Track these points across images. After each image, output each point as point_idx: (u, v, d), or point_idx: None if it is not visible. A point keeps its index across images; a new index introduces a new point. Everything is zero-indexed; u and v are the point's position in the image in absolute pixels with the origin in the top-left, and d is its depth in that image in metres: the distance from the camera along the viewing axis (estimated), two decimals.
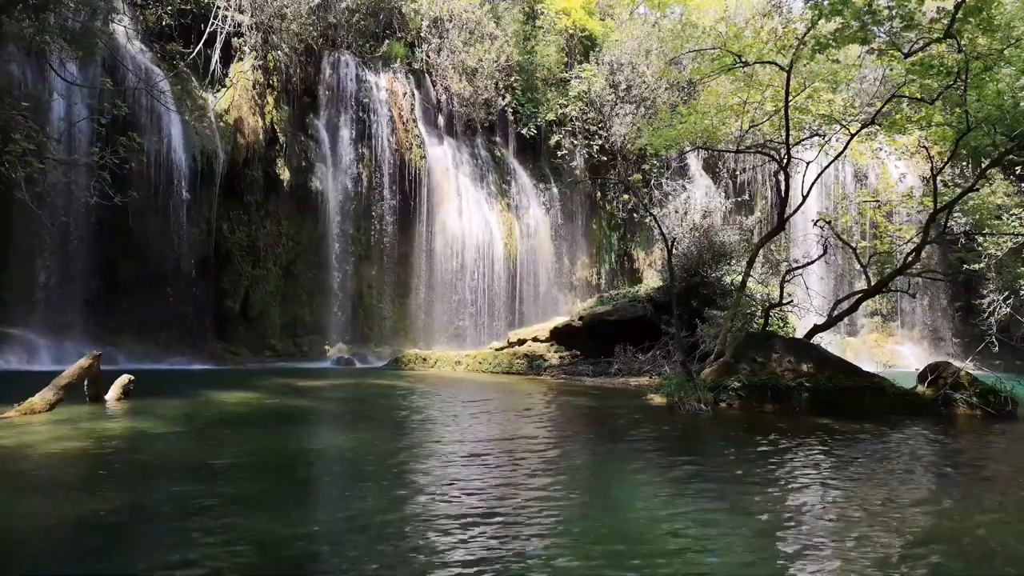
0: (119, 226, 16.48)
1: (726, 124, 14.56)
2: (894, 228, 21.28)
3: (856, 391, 9.98)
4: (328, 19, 22.28)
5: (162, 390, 10.43)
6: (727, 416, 9.45)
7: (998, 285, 20.81)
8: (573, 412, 10.11)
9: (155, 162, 17.59)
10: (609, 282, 27.05)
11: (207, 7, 19.52)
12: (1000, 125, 10.87)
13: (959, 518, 4.55)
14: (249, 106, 20.12)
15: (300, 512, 4.39)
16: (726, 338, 11.82)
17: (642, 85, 26.28)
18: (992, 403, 9.62)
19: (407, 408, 10.21)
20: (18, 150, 11.68)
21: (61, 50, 13.77)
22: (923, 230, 12.32)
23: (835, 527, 4.26)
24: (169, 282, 18.07)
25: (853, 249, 14.38)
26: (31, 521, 4.08)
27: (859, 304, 13.61)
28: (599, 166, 26.86)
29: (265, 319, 20.14)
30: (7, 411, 7.53)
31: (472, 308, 23.40)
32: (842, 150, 13.43)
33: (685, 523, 4.23)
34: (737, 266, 17.00)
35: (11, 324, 15.68)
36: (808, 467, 6.08)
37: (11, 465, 5.46)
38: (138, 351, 16.76)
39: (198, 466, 5.58)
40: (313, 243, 21.37)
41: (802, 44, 11.02)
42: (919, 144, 16.36)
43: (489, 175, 25.19)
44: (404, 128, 23.10)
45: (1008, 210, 18.00)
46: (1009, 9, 11.28)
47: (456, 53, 24.02)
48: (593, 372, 15.77)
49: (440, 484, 5.13)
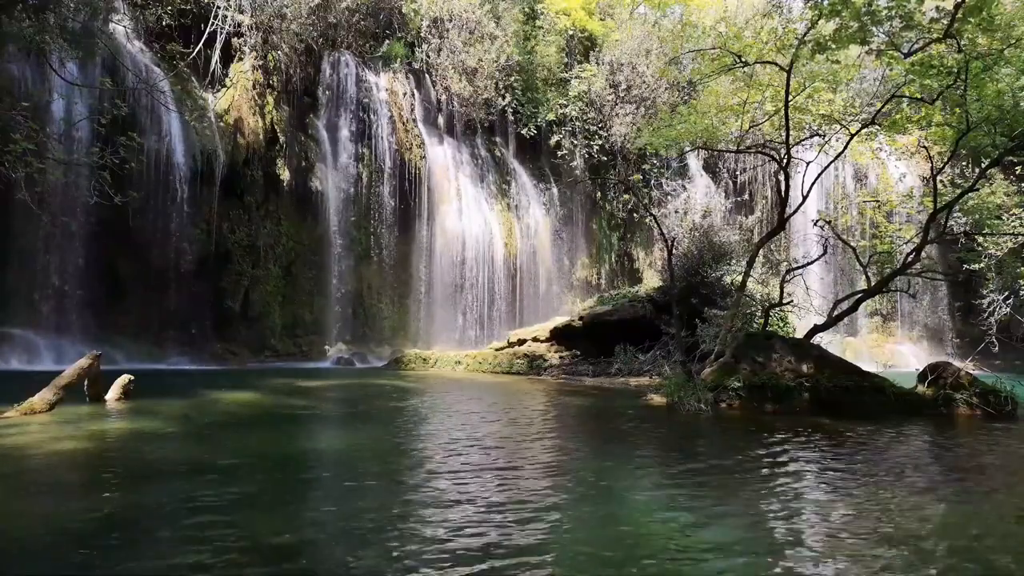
0: (119, 226, 16.48)
1: (726, 124, 14.55)
2: (894, 228, 21.29)
3: (856, 391, 9.97)
4: (328, 19, 22.29)
5: (162, 390, 10.43)
6: (727, 416, 9.45)
7: (998, 285, 20.81)
8: (573, 412, 10.11)
9: (155, 162, 17.60)
10: (609, 282, 27.06)
11: (207, 7, 19.53)
12: (1000, 125, 10.86)
13: (959, 518, 4.55)
14: (249, 106, 20.12)
15: (300, 512, 4.39)
16: (726, 338, 11.82)
17: (642, 85, 26.30)
18: (992, 403, 9.63)
19: (407, 408, 10.21)
20: (18, 150, 11.68)
21: (61, 50, 13.77)
22: (923, 230, 12.32)
23: (836, 528, 4.26)
24: (169, 282, 18.08)
25: (853, 249, 14.37)
26: (31, 521, 4.08)
27: (859, 304, 13.60)
28: (599, 166, 26.88)
29: (265, 319, 20.14)
30: (7, 411, 7.53)
31: (472, 308, 23.41)
32: (842, 150, 13.42)
33: (685, 524, 4.23)
34: (737, 266, 17.00)
35: (11, 324, 15.69)
36: (808, 468, 6.08)
37: (11, 465, 5.46)
38: (138, 351, 16.77)
39: (198, 466, 5.58)
40: (313, 243, 21.38)
41: (802, 44, 11.01)
42: (919, 144, 16.37)
43: (489, 175, 25.20)
44: (404, 128, 23.10)
45: (1008, 210, 18.00)
46: (1009, 9, 11.28)
47: (456, 53, 24.03)
48: (593, 372, 15.78)
49: (440, 484, 5.13)
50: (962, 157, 19.61)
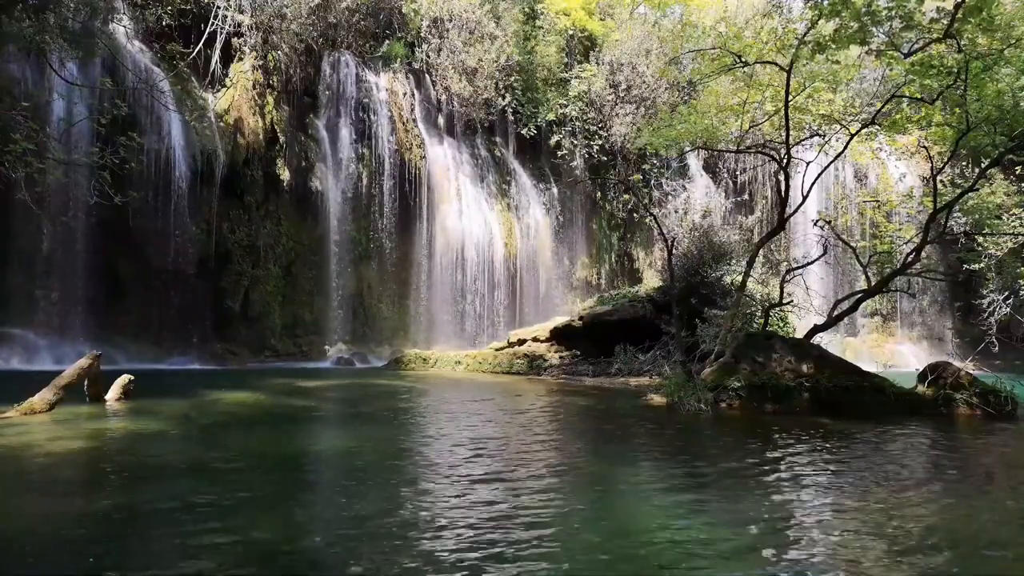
0: (119, 226, 16.48)
1: (726, 124, 14.54)
2: (894, 228, 21.28)
3: (856, 391, 9.97)
4: (328, 19, 22.29)
5: (162, 390, 10.43)
6: (727, 416, 9.44)
7: (998, 285, 20.81)
8: (573, 412, 10.11)
9: (155, 162, 17.60)
10: (609, 282, 27.05)
11: (207, 7, 19.53)
12: (1000, 125, 10.86)
13: (959, 519, 4.55)
14: (249, 106, 20.12)
15: (300, 512, 4.39)
16: (726, 338, 11.81)
17: (642, 85, 26.30)
18: (992, 403, 9.62)
19: (407, 408, 10.21)
20: (18, 150, 11.68)
21: (61, 50, 13.77)
22: (923, 230, 12.32)
23: (836, 528, 4.26)
24: (169, 282, 18.09)
25: (853, 249, 14.37)
26: (30, 521, 4.08)
27: (859, 304, 13.59)
28: (599, 166, 26.87)
29: (265, 319, 20.14)
30: (7, 411, 7.53)
31: (472, 308, 23.40)
32: (842, 150, 13.42)
33: (686, 524, 4.23)
34: (737, 266, 16.99)
35: (11, 324, 15.69)
36: (808, 468, 6.08)
37: (11, 465, 5.46)
38: (138, 351, 16.77)
39: (198, 466, 5.58)
40: (313, 243, 21.38)
41: (802, 44, 11.01)
42: (919, 144, 16.36)
43: (489, 175, 25.20)
44: (404, 128, 23.10)
45: (1008, 210, 18.00)
46: (1009, 9, 11.27)
47: (456, 53, 24.02)
48: (593, 372, 15.77)
49: (439, 485, 5.13)
50: (962, 157, 19.61)
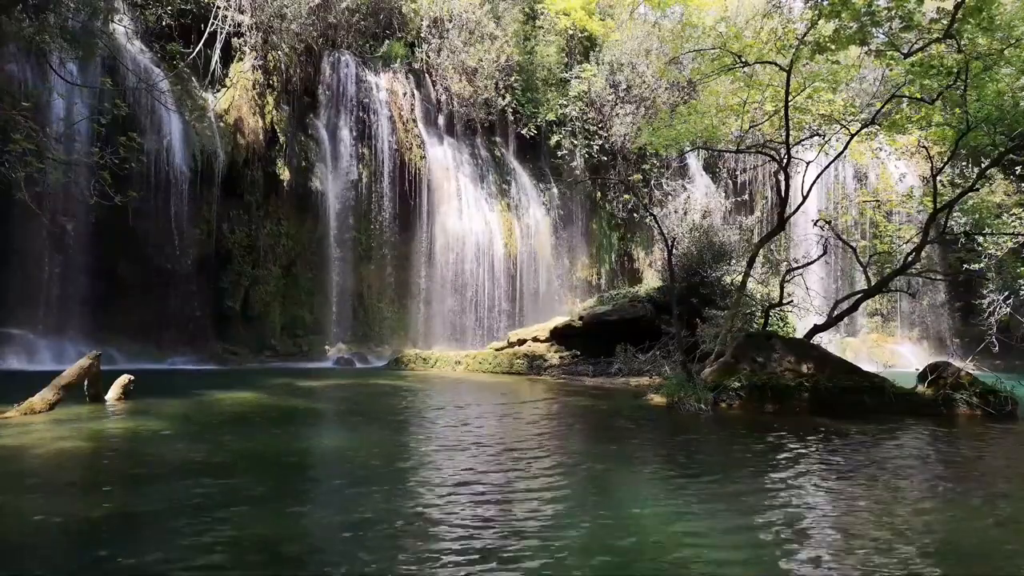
0: (119, 226, 16.45)
1: (726, 124, 14.55)
2: (894, 228, 21.29)
3: (856, 391, 9.97)
4: (328, 19, 22.28)
5: (162, 390, 10.43)
6: (727, 416, 9.44)
7: (998, 285, 20.80)
8: (573, 412, 10.11)
9: (155, 162, 17.58)
10: (609, 282, 27.04)
11: (207, 7, 19.52)
12: (1000, 125, 10.87)
13: (959, 519, 4.55)
14: (249, 106, 20.11)
15: (301, 512, 4.39)
16: (726, 338, 11.82)
17: (642, 85, 26.29)
18: (992, 403, 9.63)
19: (407, 409, 10.21)
20: (18, 150, 11.66)
21: (61, 50, 13.76)
22: (923, 230, 12.33)
23: (836, 528, 4.26)
24: (169, 282, 18.07)
25: (853, 249, 14.38)
26: (31, 521, 4.08)
27: (859, 304, 13.61)
28: (599, 166, 26.86)
29: (265, 319, 20.13)
30: (7, 411, 7.53)
31: (472, 308, 23.39)
32: (842, 150, 13.43)
33: (686, 524, 4.23)
34: (737, 266, 17.00)
35: (11, 324, 15.68)
36: (809, 468, 6.08)
37: (11, 465, 5.46)
38: (138, 351, 16.75)
39: (198, 466, 5.58)
40: (313, 243, 21.37)
41: (802, 44, 11.01)
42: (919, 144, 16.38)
43: (489, 175, 25.18)
44: (404, 128, 23.09)
45: (1008, 210, 18.01)
46: (1009, 9, 11.27)
47: (456, 53, 24.01)
48: (593, 372, 15.77)
49: (440, 485, 5.13)
50: (962, 157, 19.60)
